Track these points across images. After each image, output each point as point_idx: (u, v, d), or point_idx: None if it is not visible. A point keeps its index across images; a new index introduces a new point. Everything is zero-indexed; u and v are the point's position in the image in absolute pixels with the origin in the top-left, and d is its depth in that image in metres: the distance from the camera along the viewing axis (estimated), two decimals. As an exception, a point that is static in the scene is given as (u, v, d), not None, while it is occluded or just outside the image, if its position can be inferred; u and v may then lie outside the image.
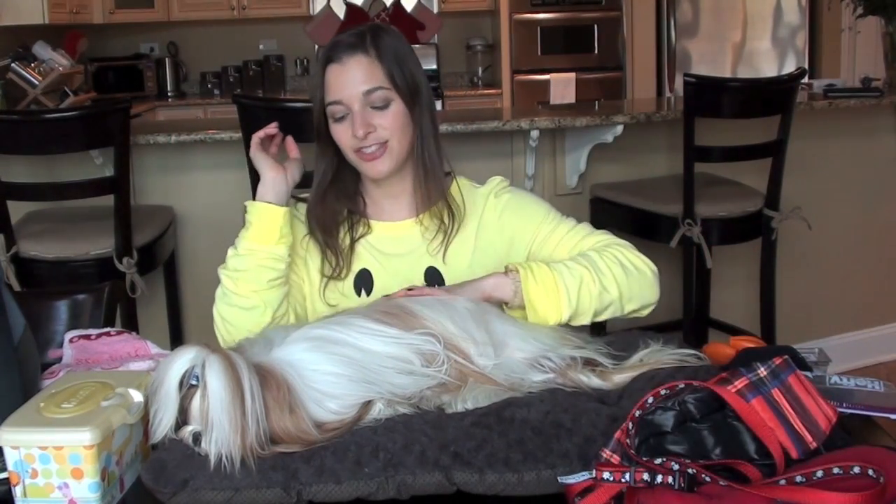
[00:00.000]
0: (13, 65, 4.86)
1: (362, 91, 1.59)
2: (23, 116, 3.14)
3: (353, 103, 1.60)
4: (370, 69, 1.60)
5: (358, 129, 1.59)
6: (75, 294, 1.80)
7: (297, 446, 1.17)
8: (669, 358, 1.40)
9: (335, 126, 1.63)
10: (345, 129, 1.61)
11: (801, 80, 3.16)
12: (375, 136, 1.61)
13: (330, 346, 1.28)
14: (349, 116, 1.61)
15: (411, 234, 1.70)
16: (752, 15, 5.77)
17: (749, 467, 1.06)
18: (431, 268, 1.68)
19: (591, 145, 3.31)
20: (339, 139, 1.63)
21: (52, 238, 2.76)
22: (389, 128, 1.61)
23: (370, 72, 1.60)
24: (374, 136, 1.61)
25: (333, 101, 1.61)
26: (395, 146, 1.62)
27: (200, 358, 1.16)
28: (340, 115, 1.61)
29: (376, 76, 1.60)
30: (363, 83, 1.59)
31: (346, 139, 1.62)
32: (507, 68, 5.72)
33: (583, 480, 1.06)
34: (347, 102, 1.60)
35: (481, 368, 1.34)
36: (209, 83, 6.18)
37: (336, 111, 1.61)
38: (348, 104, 1.60)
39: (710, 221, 3.07)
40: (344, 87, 1.60)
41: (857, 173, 3.84)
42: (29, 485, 1.13)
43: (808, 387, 1.14)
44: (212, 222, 3.26)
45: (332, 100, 1.61)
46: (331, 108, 1.62)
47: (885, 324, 4.03)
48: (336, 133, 1.63)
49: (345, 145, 1.63)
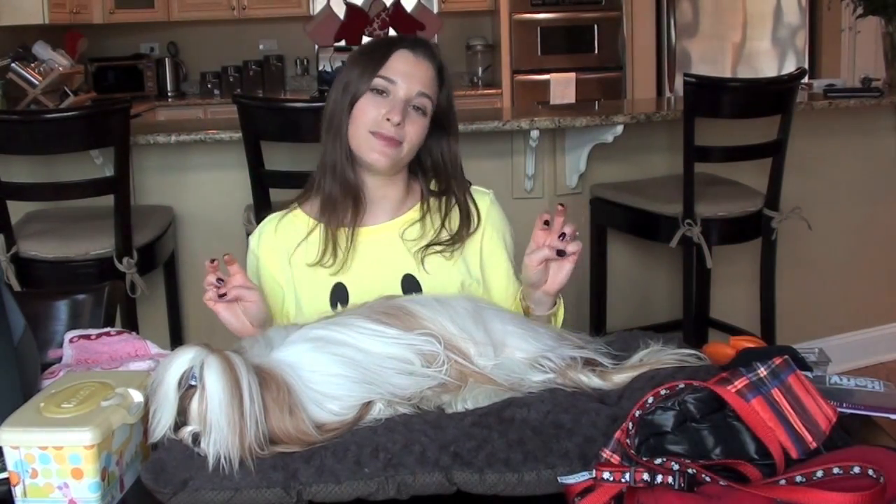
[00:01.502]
0: (13, 65, 4.86)
1: (418, 89, 1.64)
2: (23, 116, 3.14)
3: (402, 91, 1.63)
4: (431, 78, 1.67)
5: (396, 115, 1.62)
6: (75, 294, 1.80)
7: (296, 447, 1.17)
8: (669, 358, 1.40)
9: (369, 96, 1.63)
10: (378, 104, 1.63)
11: (801, 80, 3.16)
12: (399, 131, 1.63)
13: (330, 346, 1.28)
14: (388, 99, 1.63)
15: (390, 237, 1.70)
16: (752, 15, 5.77)
17: (749, 467, 1.06)
18: (408, 275, 1.68)
19: (591, 145, 3.31)
20: (363, 111, 1.64)
21: (52, 238, 2.76)
22: (412, 135, 1.65)
23: (430, 79, 1.67)
24: (398, 131, 1.63)
25: (388, 78, 1.63)
26: (404, 151, 1.65)
27: (200, 358, 1.16)
28: (383, 90, 1.63)
29: (432, 87, 1.67)
30: (422, 84, 1.65)
31: (372, 115, 1.63)
32: (507, 68, 5.72)
33: (583, 480, 1.06)
34: (400, 86, 1.63)
35: (481, 368, 1.34)
36: (209, 83, 6.18)
37: (382, 86, 1.63)
38: (398, 89, 1.63)
39: (710, 221, 3.07)
40: (406, 73, 1.64)
41: (857, 173, 3.84)
42: (29, 485, 1.13)
43: (808, 387, 1.14)
44: (212, 222, 3.26)
45: (388, 75, 1.63)
46: (379, 80, 1.63)
47: (885, 324, 4.03)
48: (364, 104, 1.64)
49: (367, 119, 1.63)
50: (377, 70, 1.64)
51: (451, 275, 1.69)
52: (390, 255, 1.69)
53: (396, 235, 1.70)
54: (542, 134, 3.24)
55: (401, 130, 1.63)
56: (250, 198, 2.88)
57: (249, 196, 2.88)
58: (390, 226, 1.71)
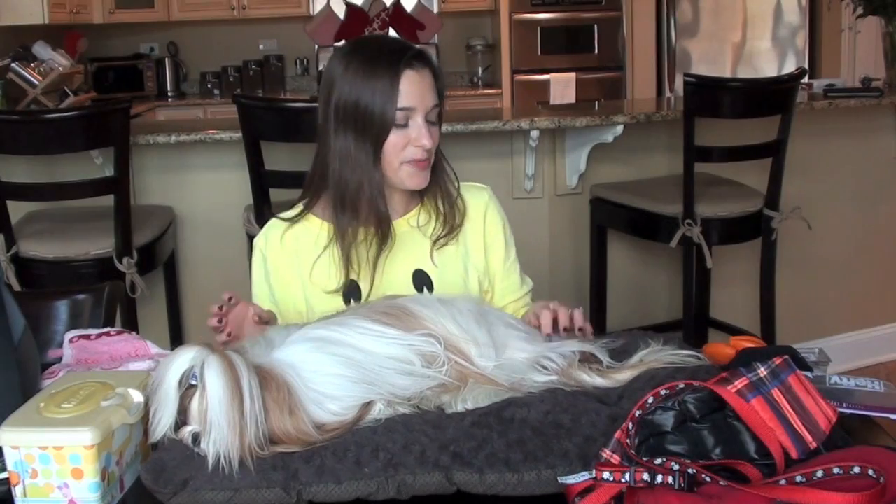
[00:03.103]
0: (13, 65, 4.86)
1: (431, 104, 1.66)
2: (23, 116, 3.14)
3: (419, 113, 1.64)
4: (433, 86, 1.68)
5: (427, 140, 1.64)
6: (75, 294, 1.80)
7: (296, 447, 1.17)
8: (669, 358, 1.40)
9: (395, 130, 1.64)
10: (403, 135, 1.64)
11: (801, 80, 3.16)
12: (425, 153, 1.67)
13: (330, 347, 1.28)
14: (412, 125, 1.64)
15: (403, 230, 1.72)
16: (752, 15, 5.77)
17: (749, 467, 1.06)
18: (419, 271, 1.72)
19: (591, 145, 3.31)
20: (394, 144, 1.65)
21: (52, 238, 2.76)
22: (435, 143, 1.68)
23: (434, 88, 1.68)
24: (428, 151, 1.67)
25: (407, 107, 1.63)
26: (432, 160, 1.70)
27: (200, 358, 1.16)
28: (403, 122, 1.64)
29: (437, 94, 1.68)
30: (432, 97, 1.66)
31: (402, 146, 1.64)
32: (507, 68, 5.71)
33: (583, 480, 1.06)
34: (420, 111, 1.64)
35: (482, 369, 1.34)
36: (209, 83, 6.18)
37: (403, 117, 1.64)
38: (418, 114, 1.64)
39: (710, 221, 3.07)
40: (417, 95, 1.64)
41: (857, 173, 3.83)
42: (29, 485, 1.13)
43: (808, 387, 1.14)
44: (212, 222, 3.26)
45: (406, 105, 1.63)
46: (400, 114, 1.63)
47: (885, 324, 4.03)
48: (394, 139, 1.64)
49: (398, 154, 1.65)
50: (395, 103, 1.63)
51: (457, 267, 1.74)
52: (401, 253, 1.72)
53: (405, 231, 1.73)
54: (542, 134, 3.24)
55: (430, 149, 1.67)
56: (250, 198, 2.88)
57: (249, 196, 2.88)
58: (399, 223, 1.73)
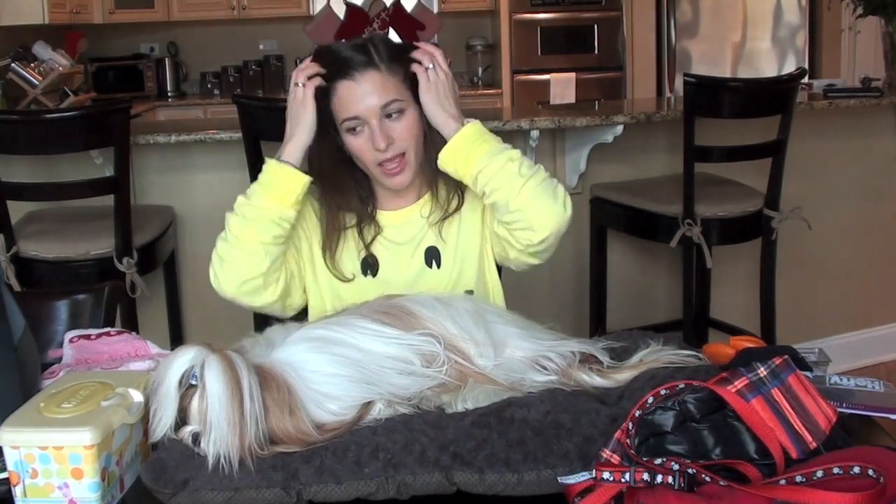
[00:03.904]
0: (13, 65, 4.86)
1: (379, 105, 1.62)
2: (23, 116, 3.14)
3: (370, 118, 1.62)
4: (383, 83, 1.63)
5: (380, 142, 1.62)
6: (75, 294, 1.80)
7: (296, 447, 1.17)
8: (669, 358, 1.40)
9: (352, 139, 1.65)
10: (364, 141, 1.64)
11: (801, 80, 3.16)
12: (395, 147, 1.64)
13: (330, 346, 1.28)
14: (366, 130, 1.63)
15: (412, 218, 1.76)
16: (752, 15, 5.77)
17: (749, 467, 1.06)
18: (431, 247, 1.75)
19: (591, 145, 3.31)
20: (358, 152, 1.66)
21: (52, 238, 2.76)
22: (406, 137, 1.65)
23: (383, 86, 1.62)
24: (394, 148, 1.64)
25: (350, 118, 1.63)
26: (411, 157, 1.67)
27: (200, 358, 1.16)
28: (358, 128, 1.64)
29: (389, 89, 1.63)
30: (379, 96, 1.62)
31: (368, 152, 1.65)
32: (507, 68, 5.71)
33: (583, 480, 1.06)
34: (365, 117, 1.63)
35: (481, 369, 1.34)
36: (209, 83, 6.18)
37: (353, 126, 1.64)
38: (365, 119, 1.63)
39: (710, 221, 3.07)
40: (359, 102, 1.62)
41: (857, 173, 3.83)
42: (29, 485, 1.13)
43: (808, 387, 1.14)
44: (212, 222, 3.22)
45: (348, 116, 1.63)
46: (347, 123, 1.64)
47: (885, 324, 4.03)
48: (354, 146, 1.66)
49: (366, 159, 1.66)
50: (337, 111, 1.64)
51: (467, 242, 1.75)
52: (413, 234, 1.75)
53: (416, 216, 1.76)
54: (542, 134, 3.24)
55: (395, 146, 1.64)
56: (250, 198, 2.87)
57: (249, 196, 2.88)
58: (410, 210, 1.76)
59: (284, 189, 1.63)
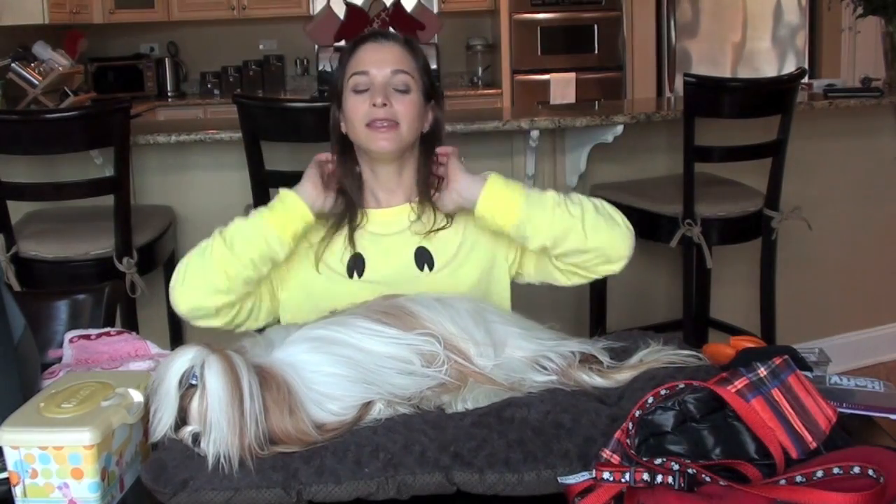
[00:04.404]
0: (13, 65, 4.86)
1: (390, 69, 1.67)
2: (23, 116, 3.14)
3: (377, 77, 1.66)
4: (402, 56, 1.70)
5: (377, 97, 1.65)
6: (75, 294, 1.80)
7: (296, 447, 1.17)
8: (669, 358, 1.40)
9: (354, 98, 1.68)
10: (363, 100, 1.67)
11: (801, 80, 3.16)
12: (390, 111, 1.66)
13: (330, 346, 1.29)
14: (370, 90, 1.66)
15: (402, 217, 1.74)
16: (752, 15, 5.77)
17: (749, 467, 1.06)
18: (421, 248, 1.72)
19: (591, 145, 3.31)
20: (353, 111, 1.67)
21: (52, 238, 2.76)
22: (404, 112, 1.67)
23: (401, 57, 1.69)
24: (389, 112, 1.66)
25: (360, 71, 1.67)
26: (403, 131, 1.67)
27: (200, 358, 1.16)
28: (363, 87, 1.67)
29: (405, 63, 1.69)
30: (393, 63, 1.68)
31: (362, 110, 1.66)
32: (507, 68, 5.71)
33: (583, 480, 1.06)
34: (373, 74, 1.67)
35: (481, 369, 1.34)
36: (209, 83, 6.18)
37: (359, 82, 1.67)
38: (373, 77, 1.66)
39: (710, 221, 3.07)
40: (374, 61, 1.68)
41: (857, 173, 3.83)
42: (29, 485, 1.13)
43: (808, 387, 1.14)
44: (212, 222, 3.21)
45: (359, 69, 1.68)
46: (355, 78, 1.67)
47: (885, 324, 4.03)
48: (352, 105, 1.68)
49: (358, 117, 1.67)
50: (350, 68, 1.69)
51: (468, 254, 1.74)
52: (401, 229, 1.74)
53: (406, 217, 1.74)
54: (542, 134, 3.24)
55: (391, 111, 1.65)
56: (250, 198, 2.88)
57: (249, 196, 2.88)
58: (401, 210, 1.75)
59: (290, 219, 1.64)
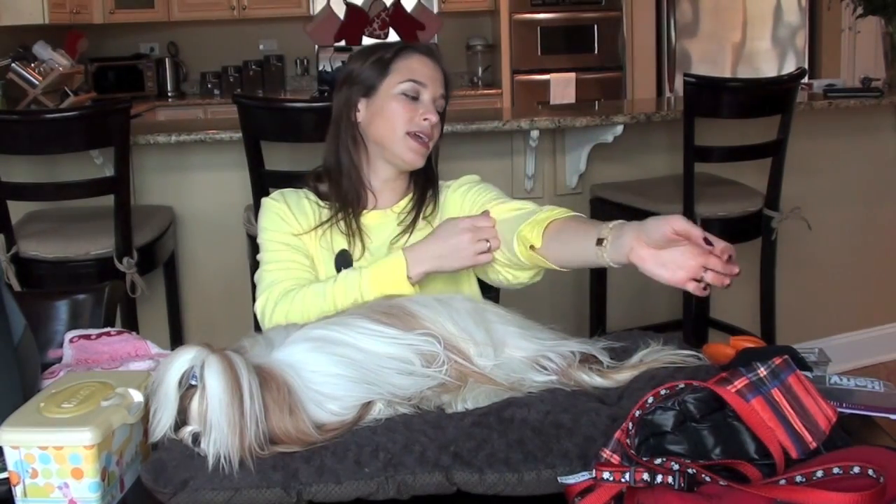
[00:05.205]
0: (13, 65, 4.86)
1: (441, 92, 1.76)
2: (23, 116, 3.14)
3: (429, 94, 1.72)
4: (444, 81, 1.77)
5: (431, 114, 1.71)
6: (75, 294, 1.80)
7: (296, 447, 1.17)
8: (669, 358, 1.40)
9: (402, 101, 1.71)
10: (409, 109, 1.71)
11: (801, 80, 3.16)
12: (431, 131, 1.73)
13: (330, 346, 1.28)
14: (419, 102, 1.72)
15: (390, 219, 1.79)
16: (752, 15, 5.77)
17: (749, 467, 1.06)
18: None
19: (591, 145, 3.31)
20: (397, 114, 1.71)
21: (52, 238, 2.76)
22: (436, 135, 1.75)
23: (444, 83, 1.77)
24: (431, 130, 1.73)
25: (418, 81, 1.72)
26: (430, 149, 1.76)
27: (200, 358, 1.16)
28: (413, 94, 1.71)
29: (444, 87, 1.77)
30: (441, 86, 1.76)
31: (408, 117, 1.71)
32: (507, 68, 5.72)
33: (583, 480, 1.06)
34: (430, 89, 1.72)
35: (481, 368, 1.34)
36: (209, 83, 6.18)
37: (413, 89, 1.71)
38: (428, 92, 1.72)
39: (710, 221, 3.07)
40: (430, 77, 1.74)
41: (857, 173, 3.83)
42: (29, 485, 1.13)
43: (808, 387, 1.14)
44: (212, 222, 3.26)
45: (417, 79, 1.72)
46: (410, 84, 1.71)
47: (885, 324, 4.03)
48: (398, 107, 1.71)
49: (402, 122, 1.71)
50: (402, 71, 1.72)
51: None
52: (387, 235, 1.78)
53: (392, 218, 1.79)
54: (542, 134, 3.24)
55: (430, 130, 1.72)
56: (250, 198, 2.88)
57: (249, 196, 2.88)
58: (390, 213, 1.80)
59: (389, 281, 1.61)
